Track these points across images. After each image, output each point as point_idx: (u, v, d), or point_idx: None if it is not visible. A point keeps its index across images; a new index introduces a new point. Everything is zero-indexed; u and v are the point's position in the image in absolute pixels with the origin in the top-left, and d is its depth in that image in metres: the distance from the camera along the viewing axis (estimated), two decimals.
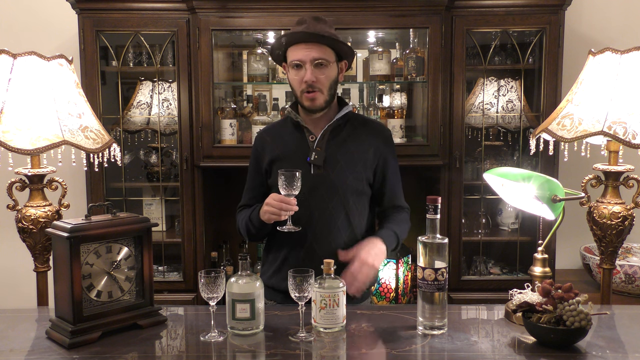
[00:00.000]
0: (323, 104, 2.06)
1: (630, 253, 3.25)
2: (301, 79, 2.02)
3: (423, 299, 1.71)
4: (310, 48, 2.00)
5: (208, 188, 3.17)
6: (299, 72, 2.03)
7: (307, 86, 2.01)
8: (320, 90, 2.03)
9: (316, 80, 2.01)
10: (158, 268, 3.16)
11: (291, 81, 2.08)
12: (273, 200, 1.94)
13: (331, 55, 2.04)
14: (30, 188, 2.33)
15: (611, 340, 1.68)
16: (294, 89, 2.07)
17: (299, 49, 2.01)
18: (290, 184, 1.89)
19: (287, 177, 1.89)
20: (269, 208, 1.95)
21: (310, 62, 2.00)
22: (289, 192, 1.90)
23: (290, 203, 1.92)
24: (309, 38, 2.00)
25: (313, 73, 2.00)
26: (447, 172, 3.07)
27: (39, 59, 2.20)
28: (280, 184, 1.90)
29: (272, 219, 1.97)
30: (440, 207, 1.73)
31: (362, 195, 2.13)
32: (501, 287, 2.90)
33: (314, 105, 2.05)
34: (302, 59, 2.01)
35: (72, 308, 1.65)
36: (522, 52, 3.04)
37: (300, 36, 2.00)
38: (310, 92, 2.02)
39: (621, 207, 2.30)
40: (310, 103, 2.04)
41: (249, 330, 1.71)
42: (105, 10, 2.96)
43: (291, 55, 2.04)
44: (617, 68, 2.17)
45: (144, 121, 3.21)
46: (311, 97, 2.03)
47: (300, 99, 2.06)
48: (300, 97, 2.05)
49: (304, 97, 2.04)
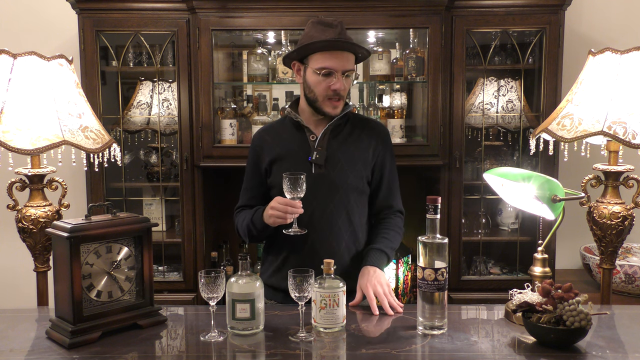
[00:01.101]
0: (341, 110, 2.08)
1: (630, 253, 3.25)
2: (328, 86, 2.01)
3: (423, 299, 1.71)
4: (342, 57, 2.00)
5: (208, 188, 3.17)
6: (327, 79, 2.01)
7: (334, 94, 2.01)
8: (343, 98, 2.05)
9: (344, 89, 2.02)
10: (158, 268, 3.16)
11: (313, 85, 2.04)
12: (278, 203, 1.93)
13: (354, 63, 2.07)
14: (30, 188, 2.33)
15: (611, 340, 1.68)
16: (317, 94, 2.04)
17: (331, 57, 1.99)
18: (295, 187, 1.88)
19: (292, 180, 1.88)
20: (274, 212, 1.94)
21: (342, 71, 2.00)
22: (294, 195, 1.90)
23: (295, 206, 1.91)
24: (343, 46, 2.00)
25: (342, 82, 2.01)
26: (447, 172, 3.07)
27: (39, 59, 2.21)
28: (285, 187, 1.89)
29: (277, 222, 1.96)
30: (440, 207, 1.73)
31: (363, 194, 2.13)
32: (501, 287, 2.90)
33: (336, 112, 2.06)
34: (335, 67, 1.99)
35: (72, 308, 1.65)
36: (522, 52, 3.04)
37: (336, 44, 1.99)
38: (337, 100, 2.03)
39: (621, 207, 2.30)
40: (333, 110, 2.05)
41: (249, 330, 1.71)
42: (105, 10, 2.96)
43: (320, 61, 2.00)
44: (617, 68, 2.17)
45: (144, 121, 3.21)
46: (336, 104, 2.04)
47: (321, 103, 2.05)
48: (322, 102, 2.04)
49: (327, 103, 2.04)
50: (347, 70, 2.01)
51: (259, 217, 2.04)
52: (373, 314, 1.87)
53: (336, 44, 1.99)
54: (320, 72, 2.00)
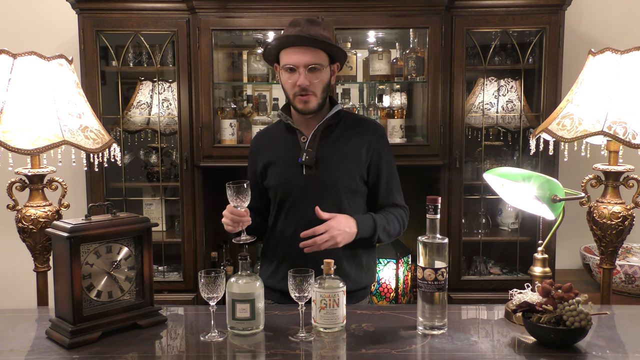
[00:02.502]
0: (316, 106, 2.06)
1: (630, 253, 3.25)
2: (294, 83, 2.01)
3: (423, 299, 1.71)
4: (304, 52, 2.00)
5: (208, 188, 3.17)
6: (292, 75, 2.02)
7: (301, 90, 2.01)
8: (313, 93, 2.03)
9: (310, 84, 2.01)
10: (158, 268, 3.16)
11: (284, 84, 2.07)
12: (229, 212, 1.93)
13: (324, 58, 2.04)
14: (30, 188, 2.33)
15: (611, 340, 1.68)
16: (287, 91, 2.07)
17: (292, 53, 2.00)
18: (238, 195, 1.87)
19: (235, 189, 1.87)
20: (224, 220, 1.95)
21: (304, 66, 2.00)
22: (237, 203, 1.89)
23: (240, 215, 1.91)
24: (303, 42, 1.99)
25: (307, 77, 2.00)
26: (447, 172, 3.07)
27: (39, 59, 2.21)
28: (228, 196, 1.89)
29: (229, 230, 1.97)
30: (440, 207, 1.73)
31: (357, 194, 2.12)
32: (501, 287, 2.90)
33: (307, 108, 2.05)
34: (296, 63, 2.00)
35: (72, 308, 1.65)
36: (522, 52, 3.04)
37: (293, 40, 1.99)
38: (304, 95, 2.02)
39: (621, 207, 2.30)
40: (304, 106, 2.04)
41: (249, 330, 1.71)
42: (105, 10, 2.96)
43: (284, 59, 2.03)
44: (617, 68, 2.17)
45: (144, 121, 3.21)
46: (305, 99, 2.03)
47: (293, 101, 2.07)
48: (293, 99, 2.06)
49: (297, 99, 2.04)
50: (310, 65, 1.99)
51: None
52: (374, 313, 1.87)
53: (292, 40, 1.99)
54: (285, 69, 2.02)
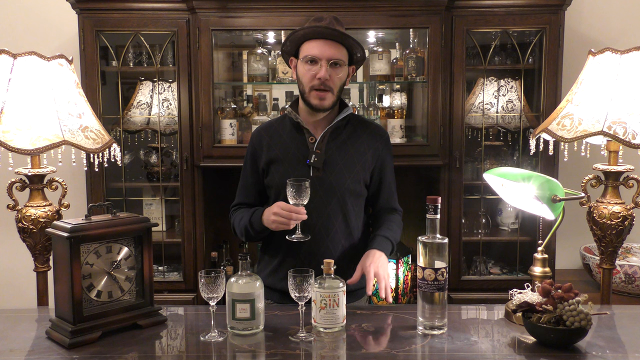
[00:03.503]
0: (331, 104, 2.03)
1: (630, 253, 3.25)
2: (314, 75, 1.98)
3: (423, 299, 1.71)
4: (329, 45, 1.97)
5: (208, 188, 3.17)
6: (312, 67, 1.98)
7: (320, 83, 1.97)
8: (331, 90, 2.00)
9: (329, 79, 1.98)
10: (158, 268, 3.16)
11: (301, 75, 2.02)
12: (281, 209, 1.91)
13: (346, 57, 2.02)
14: (31, 188, 2.33)
15: (611, 340, 1.68)
16: (303, 84, 2.02)
17: (317, 45, 1.97)
18: (299, 193, 1.87)
19: (296, 187, 1.87)
20: (277, 217, 1.92)
21: (327, 59, 1.97)
22: (298, 201, 1.89)
23: (300, 212, 1.89)
24: (330, 35, 1.96)
25: (327, 71, 1.97)
26: (447, 172, 3.07)
27: (39, 59, 2.20)
28: (288, 193, 1.88)
29: (280, 228, 1.94)
30: (440, 207, 1.73)
31: (359, 197, 2.12)
32: (501, 287, 2.90)
33: (322, 105, 2.01)
34: (319, 55, 1.97)
35: (72, 308, 1.65)
36: (522, 52, 3.04)
37: (322, 30, 1.96)
38: (322, 90, 1.99)
39: (621, 207, 2.30)
40: (319, 102, 2.00)
41: (249, 330, 1.71)
42: (105, 10, 2.95)
43: (307, 49, 1.99)
44: (617, 68, 2.17)
45: (144, 121, 3.21)
46: (321, 95, 1.99)
47: (307, 95, 2.01)
48: (309, 93, 2.01)
49: (312, 94, 2.00)
50: (333, 59, 1.97)
51: (257, 218, 2.03)
52: (374, 313, 1.88)
53: (320, 31, 1.96)
54: (306, 60, 1.99)
